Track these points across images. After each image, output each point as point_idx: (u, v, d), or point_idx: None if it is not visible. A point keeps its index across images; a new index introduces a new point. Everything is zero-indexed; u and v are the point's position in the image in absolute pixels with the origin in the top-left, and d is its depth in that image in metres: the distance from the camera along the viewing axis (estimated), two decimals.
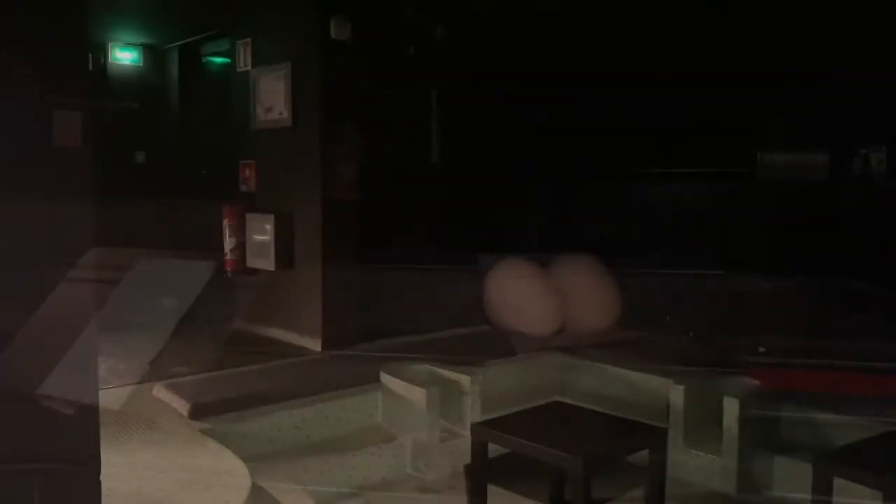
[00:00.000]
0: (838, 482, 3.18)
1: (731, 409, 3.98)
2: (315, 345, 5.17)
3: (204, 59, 7.12)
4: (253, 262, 5.59)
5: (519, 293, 5.68)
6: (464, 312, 5.87)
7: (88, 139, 1.88)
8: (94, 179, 1.90)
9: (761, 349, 5.08)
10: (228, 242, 5.66)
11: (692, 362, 4.75)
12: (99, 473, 1.92)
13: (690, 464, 4.14)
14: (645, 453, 3.49)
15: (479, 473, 3.50)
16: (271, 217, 5.38)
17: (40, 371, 1.82)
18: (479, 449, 3.48)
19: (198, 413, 3.77)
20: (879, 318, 4.70)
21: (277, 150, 5.47)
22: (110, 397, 4.02)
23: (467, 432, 4.05)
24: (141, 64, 7.09)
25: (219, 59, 6.98)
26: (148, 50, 7.10)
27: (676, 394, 4.22)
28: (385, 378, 4.36)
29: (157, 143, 7.12)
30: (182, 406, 3.82)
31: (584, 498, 3.08)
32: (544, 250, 5.93)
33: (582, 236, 5.90)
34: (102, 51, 6.84)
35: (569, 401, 4.51)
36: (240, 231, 5.62)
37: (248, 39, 5.71)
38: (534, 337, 5.51)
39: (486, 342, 5.45)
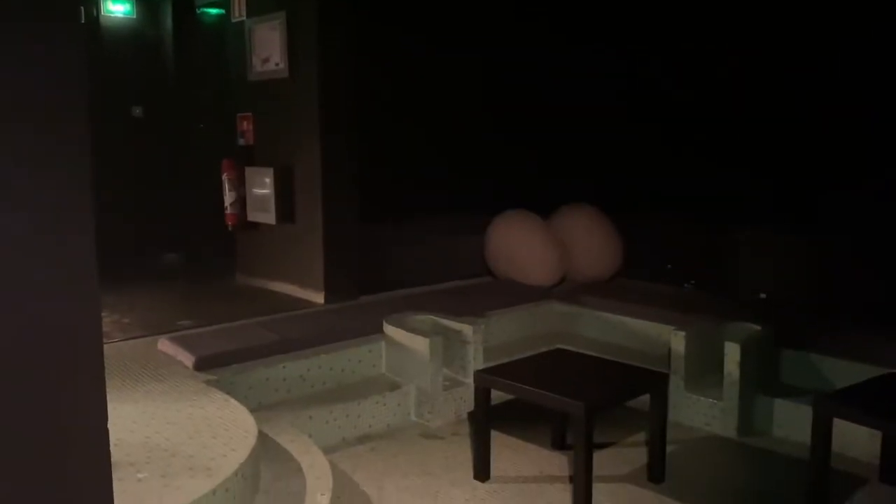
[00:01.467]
0: (838, 423, 3.22)
1: (732, 353, 4.01)
2: (318, 297, 5.19)
3: (198, 10, 6.99)
4: (254, 216, 5.58)
5: (520, 244, 5.68)
6: (467, 264, 5.89)
7: None
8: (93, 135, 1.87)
9: (762, 295, 5.10)
10: (228, 197, 5.64)
11: (693, 310, 4.77)
12: (106, 422, 1.95)
13: (692, 408, 4.20)
14: (646, 398, 3.53)
15: (483, 419, 3.54)
16: (270, 170, 5.35)
17: (44, 325, 1.82)
18: (482, 395, 3.52)
19: (203, 365, 3.81)
20: None
21: (275, 101, 5.40)
22: (116, 350, 4.06)
23: (470, 380, 4.10)
24: (134, 16, 6.96)
25: (213, 10, 6.85)
26: (141, 1, 6.97)
27: (678, 340, 4.25)
28: (388, 329, 4.39)
29: (153, 97, 7.04)
30: (187, 358, 3.85)
31: (586, 442, 3.12)
32: (545, 201, 5.92)
33: None
34: (95, 3, 6.71)
35: (571, 349, 4.54)
36: (239, 185, 5.60)
37: None
38: (535, 287, 5.53)
39: (488, 293, 5.47)
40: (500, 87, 6.05)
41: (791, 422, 3.95)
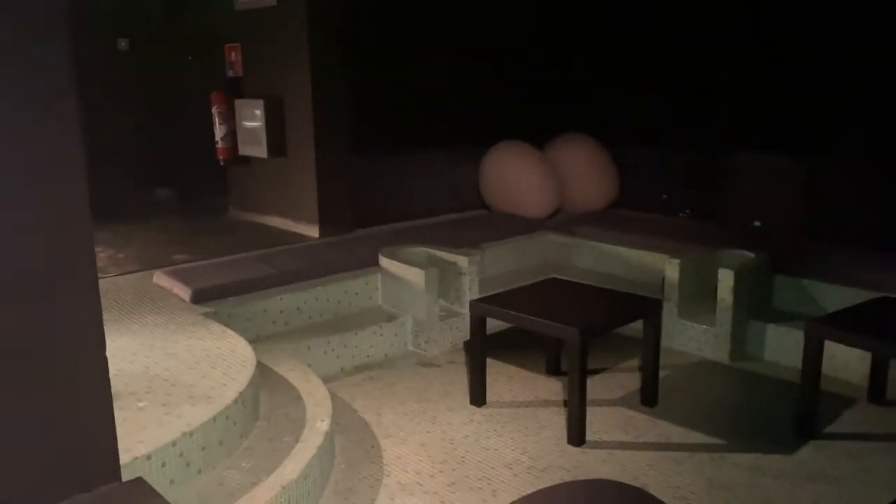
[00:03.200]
0: (829, 346, 3.27)
1: (725, 279, 4.03)
2: (312, 231, 5.18)
3: None
4: (245, 149, 5.51)
5: (515, 175, 5.64)
6: (463, 196, 5.87)
7: None
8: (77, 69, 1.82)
9: (756, 223, 5.11)
10: (219, 130, 5.56)
11: (688, 238, 4.78)
12: (104, 350, 1.96)
13: (685, 334, 4.25)
14: (640, 326, 3.56)
15: (479, 347, 3.58)
16: (261, 102, 5.26)
17: (40, 258, 1.82)
18: (477, 324, 3.55)
19: (200, 298, 3.82)
20: None
21: (263, 31, 5.27)
22: (112, 285, 4.07)
23: (465, 311, 4.14)
24: None
25: None
26: None
27: (671, 268, 4.27)
28: (384, 261, 4.40)
29: (139, 30, 6.86)
30: (184, 291, 3.86)
31: (581, 367, 3.16)
32: (540, 131, 5.86)
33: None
34: None
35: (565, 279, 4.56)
36: (229, 118, 5.51)
37: None
38: (530, 218, 5.53)
39: (484, 225, 5.47)
40: (495, 15, 5.90)
41: (782, 346, 4.02)
